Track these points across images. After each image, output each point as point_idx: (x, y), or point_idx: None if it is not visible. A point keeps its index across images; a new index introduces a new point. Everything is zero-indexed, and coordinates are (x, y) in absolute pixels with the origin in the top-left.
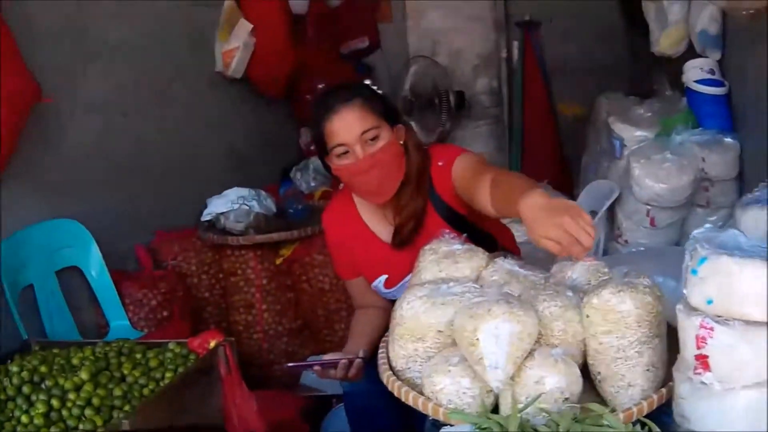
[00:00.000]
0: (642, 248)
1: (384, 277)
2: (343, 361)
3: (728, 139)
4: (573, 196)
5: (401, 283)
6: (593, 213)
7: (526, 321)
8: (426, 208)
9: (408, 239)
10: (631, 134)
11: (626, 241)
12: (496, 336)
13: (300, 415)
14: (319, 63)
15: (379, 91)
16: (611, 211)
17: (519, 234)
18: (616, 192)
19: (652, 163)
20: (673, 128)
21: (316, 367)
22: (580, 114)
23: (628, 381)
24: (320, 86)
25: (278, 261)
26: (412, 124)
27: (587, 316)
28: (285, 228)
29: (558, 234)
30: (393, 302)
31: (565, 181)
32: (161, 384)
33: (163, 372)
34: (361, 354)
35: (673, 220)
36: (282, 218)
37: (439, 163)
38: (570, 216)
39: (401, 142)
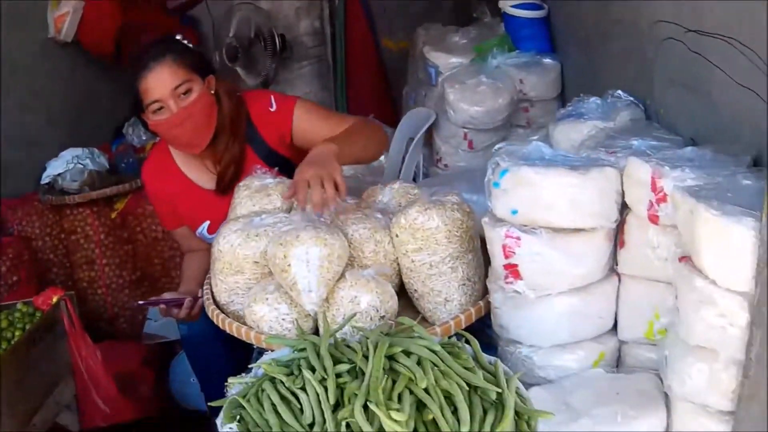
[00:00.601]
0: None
1: (206, 223)
2: (188, 299)
3: (548, 60)
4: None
5: None
6: (411, 140)
7: (333, 244)
8: (245, 153)
9: (231, 184)
10: (446, 61)
11: (446, 165)
12: (307, 261)
13: (144, 363)
14: (146, 20)
15: (190, 45)
16: (431, 138)
17: None
18: (432, 117)
19: (466, 88)
20: (489, 53)
21: (162, 305)
22: (405, 47)
23: (445, 296)
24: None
25: (113, 215)
26: (238, 70)
27: (396, 236)
28: (117, 182)
29: (297, 180)
30: None
31: (390, 113)
32: (12, 343)
33: (13, 331)
34: (200, 294)
35: (491, 141)
36: (115, 173)
37: (271, 109)
38: (316, 170)
39: (212, 92)
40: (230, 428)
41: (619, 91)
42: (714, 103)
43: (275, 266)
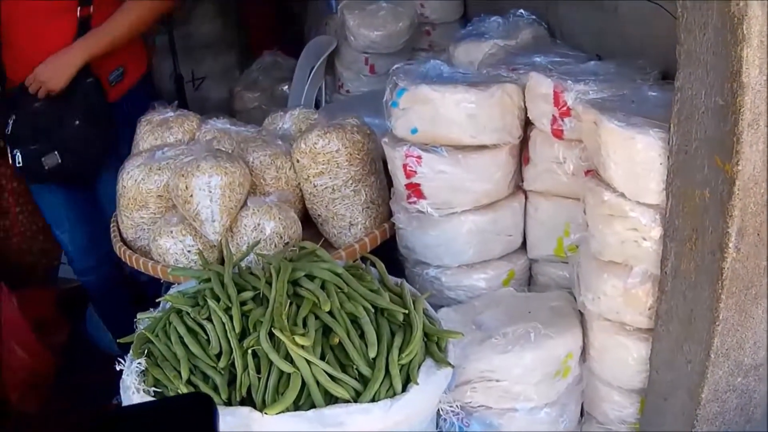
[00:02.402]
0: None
1: None
2: None
3: None
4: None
5: None
6: (312, 68)
7: (234, 172)
8: None
9: None
10: None
11: (348, 91)
12: (208, 190)
13: (59, 310)
14: None
15: None
16: (333, 66)
17: None
18: (333, 44)
19: (366, 14)
20: None
21: None
22: None
23: (349, 220)
24: None
25: None
26: None
27: (298, 161)
28: None
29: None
30: None
31: (294, 47)
32: None
33: None
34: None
35: (393, 65)
36: None
37: None
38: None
39: None
40: (138, 364)
41: (521, 10)
42: (620, 19)
43: (178, 198)
